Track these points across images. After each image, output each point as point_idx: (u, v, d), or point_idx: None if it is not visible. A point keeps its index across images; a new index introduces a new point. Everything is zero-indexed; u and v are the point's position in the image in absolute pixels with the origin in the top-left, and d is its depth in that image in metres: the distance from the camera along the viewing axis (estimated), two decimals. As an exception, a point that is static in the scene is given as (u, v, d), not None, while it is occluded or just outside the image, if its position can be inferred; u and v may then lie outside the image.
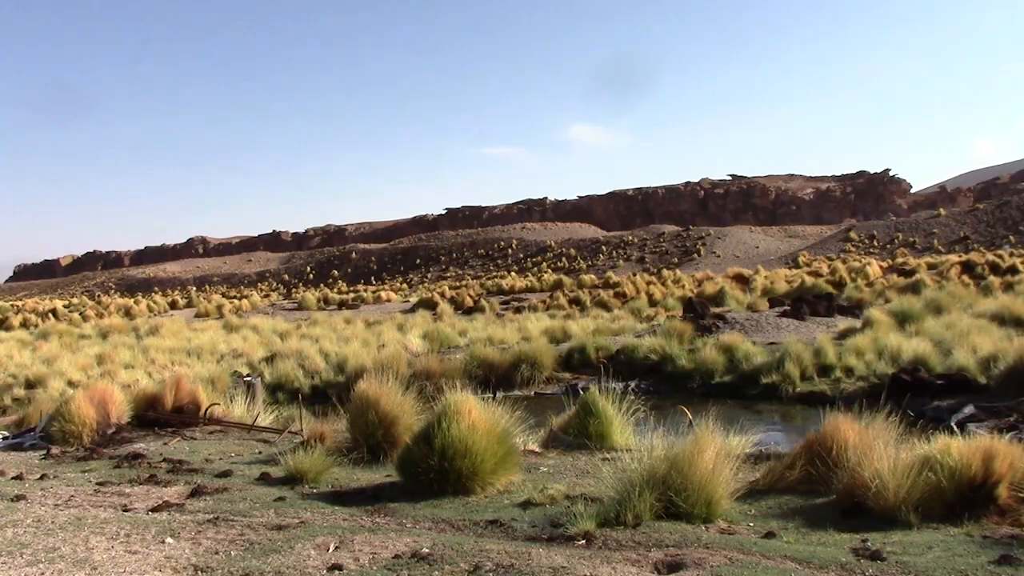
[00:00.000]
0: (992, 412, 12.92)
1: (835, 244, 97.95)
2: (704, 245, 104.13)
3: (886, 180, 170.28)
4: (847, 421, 7.62)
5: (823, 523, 6.68)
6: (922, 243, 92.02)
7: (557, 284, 60.17)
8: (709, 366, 18.49)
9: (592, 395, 10.46)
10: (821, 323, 24.10)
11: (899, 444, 7.30)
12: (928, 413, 13.73)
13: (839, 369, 17.25)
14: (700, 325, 22.55)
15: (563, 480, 8.24)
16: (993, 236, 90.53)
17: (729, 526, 6.62)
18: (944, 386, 14.69)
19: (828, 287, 37.71)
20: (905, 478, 6.61)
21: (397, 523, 6.87)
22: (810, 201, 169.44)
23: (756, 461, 8.60)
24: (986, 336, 17.27)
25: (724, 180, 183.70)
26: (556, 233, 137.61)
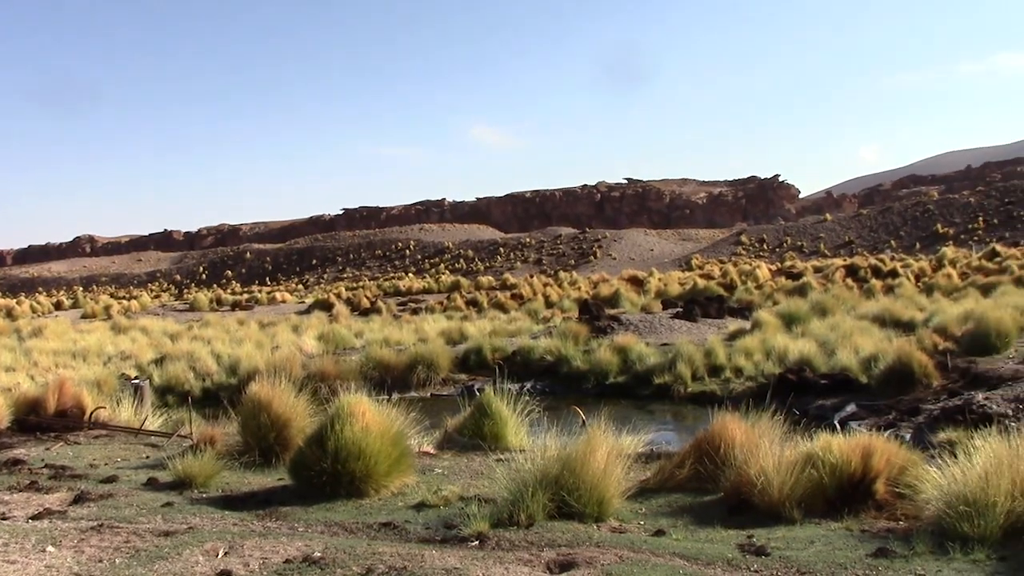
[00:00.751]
0: (872, 410, 13.40)
1: (727, 247, 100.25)
2: (600, 247, 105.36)
3: (776, 185, 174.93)
4: (734, 420, 7.82)
5: (711, 520, 6.83)
6: (809, 247, 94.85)
7: (454, 285, 60.17)
8: (604, 367, 18.72)
9: (487, 396, 10.49)
10: (712, 324, 24.62)
11: (784, 442, 7.51)
12: (813, 412, 14.16)
13: (729, 369, 17.65)
14: (595, 327, 22.82)
15: (457, 481, 8.24)
16: (876, 241, 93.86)
17: (620, 525, 6.72)
18: (828, 385, 15.17)
19: (719, 289, 38.58)
20: (789, 475, 6.81)
21: (289, 527, 6.78)
22: (703, 205, 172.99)
23: (647, 460, 8.75)
24: (868, 337, 17.88)
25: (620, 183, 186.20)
26: (454, 234, 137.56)
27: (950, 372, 14.65)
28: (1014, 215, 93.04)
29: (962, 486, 6.08)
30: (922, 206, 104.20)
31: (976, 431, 7.50)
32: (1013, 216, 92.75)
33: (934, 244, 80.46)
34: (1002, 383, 13.06)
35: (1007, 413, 11.32)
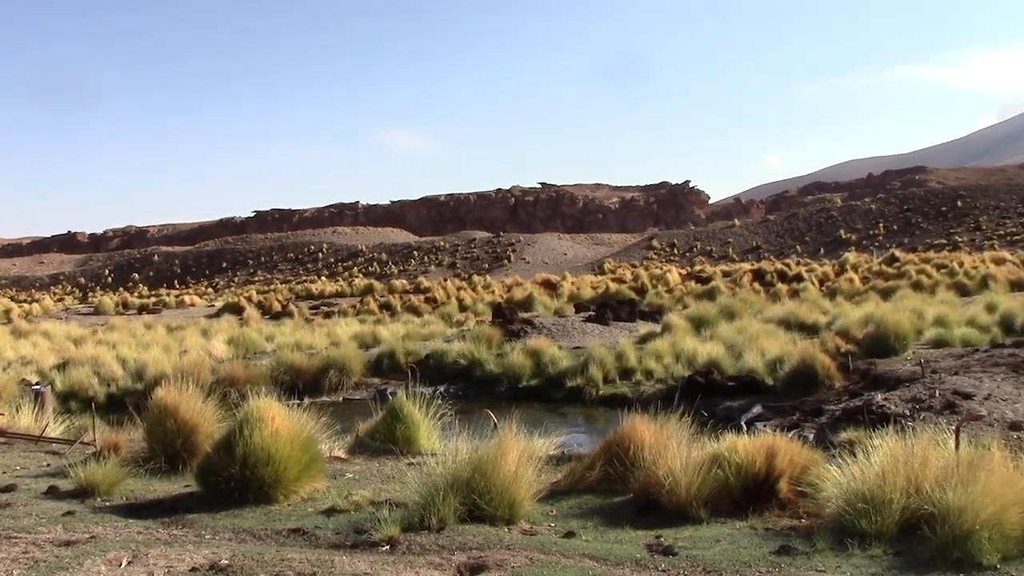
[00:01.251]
0: (778, 411, 13.72)
1: (638, 252, 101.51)
2: (514, 251, 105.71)
3: (686, 191, 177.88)
4: (644, 422, 7.94)
5: (620, 521, 6.92)
6: (718, 251, 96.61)
7: (368, 289, 59.73)
8: (517, 370, 18.81)
9: (399, 400, 10.45)
10: (624, 328, 24.91)
11: (691, 443, 7.66)
12: (720, 413, 14.44)
13: (640, 372, 17.89)
14: (509, 330, 22.91)
15: (369, 486, 8.20)
16: (782, 246, 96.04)
17: (531, 527, 6.77)
18: (735, 387, 15.49)
19: (631, 293, 39.08)
20: (696, 475, 6.94)
21: (195, 535, 6.66)
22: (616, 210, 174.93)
23: (559, 463, 8.82)
24: (774, 340, 18.29)
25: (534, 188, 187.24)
26: (368, 237, 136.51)
27: (852, 374, 15.08)
28: (912, 222, 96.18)
29: (861, 484, 6.28)
30: (826, 212, 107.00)
31: (875, 431, 7.73)
32: (911, 223, 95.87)
33: (837, 249, 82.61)
34: (900, 384, 13.48)
35: (904, 413, 11.70)
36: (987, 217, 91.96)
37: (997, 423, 11.14)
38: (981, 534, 5.56)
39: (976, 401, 12.03)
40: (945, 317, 20.37)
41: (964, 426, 9.80)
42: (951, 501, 5.77)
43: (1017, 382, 12.89)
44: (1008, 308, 21.20)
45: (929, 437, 6.82)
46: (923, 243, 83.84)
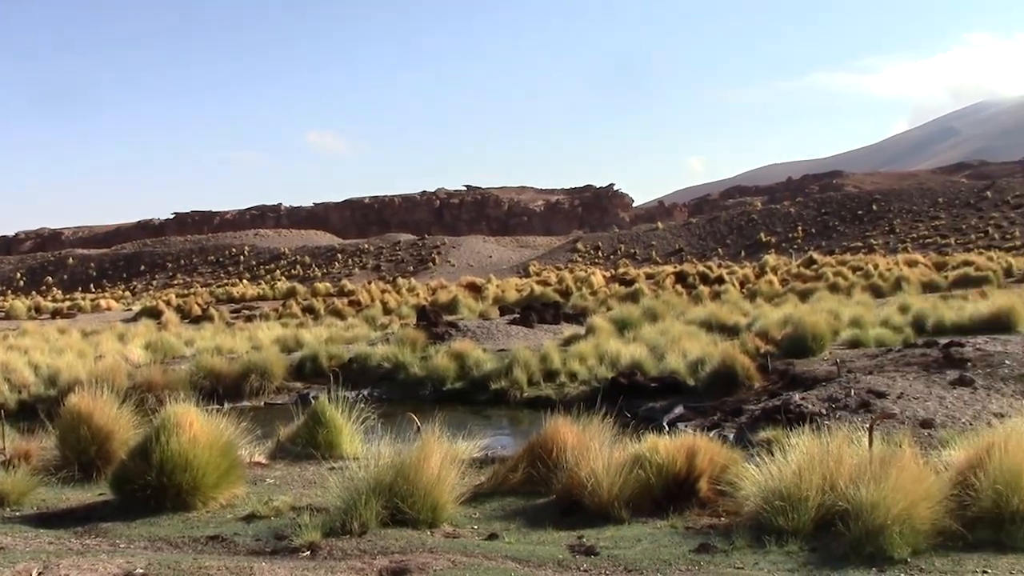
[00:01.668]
0: (699, 411, 13.90)
1: (563, 254, 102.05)
2: (439, 254, 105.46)
3: (611, 194, 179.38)
4: (566, 424, 7.98)
5: (543, 522, 6.95)
6: (642, 254, 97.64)
7: (290, 292, 59.05)
8: (441, 373, 18.74)
9: (321, 404, 10.35)
10: (549, 330, 25.01)
11: (614, 444, 7.72)
12: (643, 414, 14.57)
13: (564, 374, 17.95)
14: (433, 333, 22.83)
15: (290, 491, 8.10)
16: (704, 248, 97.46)
17: (454, 530, 6.76)
18: (657, 388, 15.65)
19: (556, 295, 39.27)
20: (618, 476, 7.00)
21: (110, 544, 6.50)
22: (541, 213, 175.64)
23: (482, 465, 8.82)
24: (695, 341, 18.51)
25: (459, 190, 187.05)
26: (290, 240, 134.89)
27: (771, 374, 15.34)
28: (829, 225, 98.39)
29: (778, 482, 6.40)
30: (747, 216, 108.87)
31: (793, 430, 7.88)
32: (829, 226, 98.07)
33: (757, 252, 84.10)
34: (817, 384, 13.76)
35: (821, 412, 11.95)
36: (901, 220, 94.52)
37: (909, 421, 11.45)
38: (892, 529, 5.71)
39: (889, 400, 12.34)
40: (860, 318, 20.85)
41: (877, 424, 10.05)
42: (864, 497, 5.91)
43: (928, 381, 13.25)
44: (920, 309, 21.80)
45: (844, 435, 6.99)
46: (840, 246, 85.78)
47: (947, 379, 13.31)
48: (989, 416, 11.41)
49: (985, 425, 9.95)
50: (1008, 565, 5.55)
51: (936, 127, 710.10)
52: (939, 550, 5.82)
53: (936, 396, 12.53)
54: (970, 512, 6.14)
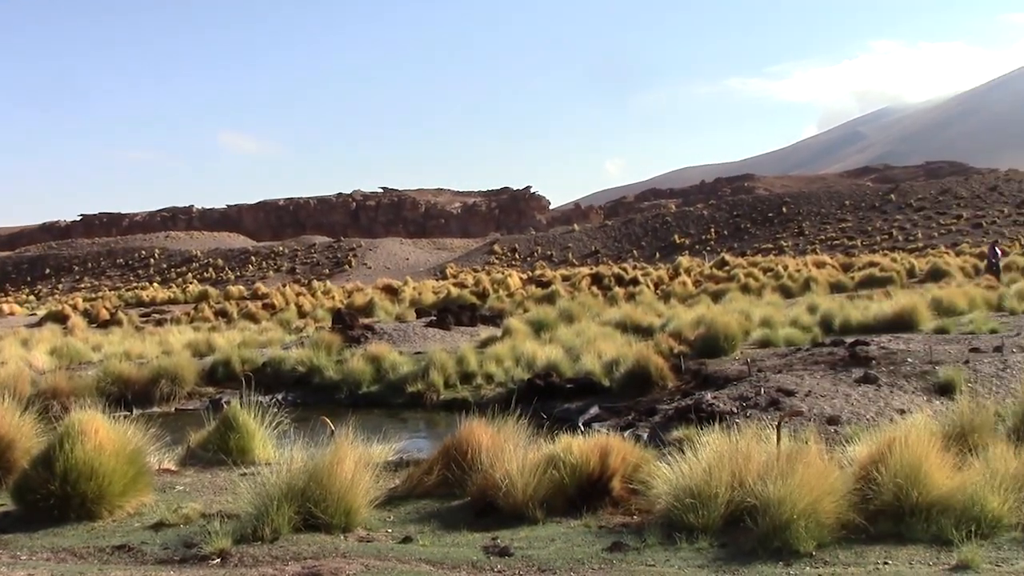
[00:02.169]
0: (614, 412, 14.03)
1: (480, 256, 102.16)
2: (355, 256, 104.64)
3: (528, 197, 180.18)
4: (481, 426, 7.99)
5: (458, 524, 6.95)
6: (559, 256, 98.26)
7: (202, 296, 57.97)
8: (357, 376, 18.58)
9: (233, 409, 10.19)
10: (465, 332, 25.00)
11: (529, 445, 7.75)
12: (559, 415, 14.65)
13: (480, 376, 17.96)
14: (349, 336, 22.64)
15: (200, 498, 7.96)
16: (620, 250, 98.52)
17: (368, 534, 6.72)
18: (573, 389, 15.75)
19: (472, 298, 39.26)
20: (532, 477, 7.04)
21: (11, 556, 6.31)
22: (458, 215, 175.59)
23: (397, 468, 8.78)
24: (611, 342, 18.67)
25: (376, 192, 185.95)
26: (203, 242, 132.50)
27: (684, 374, 15.56)
28: (741, 227, 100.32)
29: (688, 480, 6.51)
30: (661, 218, 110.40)
31: (705, 429, 8.01)
32: (741, 228, 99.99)
33: (672, 254, 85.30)
34: (728, 383, 14.01)
35: (732, 411, 12.18)
36: (810, 223, 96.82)
37: (816, 418, 11.74)
38: (798, 523, 5.85)
39: (798, 398, 12.64)
40: (771, 318, 21.29)
41: (785, 422, 10.28)
42: (772, 493, 6.05)
43: (835, 379, 13.59)
44: (827, 309, 22.35)
45: (753, 433, 7.14)
46: (751, 247, 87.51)
47: (853, 377, 13.68)
48: (892, 412, 11.76)
49: (888, 421, 10.25)
50: (907, 556, 5.74)
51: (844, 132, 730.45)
52: (843, 543, 5.98)
53: (842, 394, 12.86)
54: (872, 505, 6.34)
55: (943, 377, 13.15)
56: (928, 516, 6.11)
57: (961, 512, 6.10)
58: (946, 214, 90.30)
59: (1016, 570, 5.37)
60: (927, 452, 6.45)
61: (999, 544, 5.88)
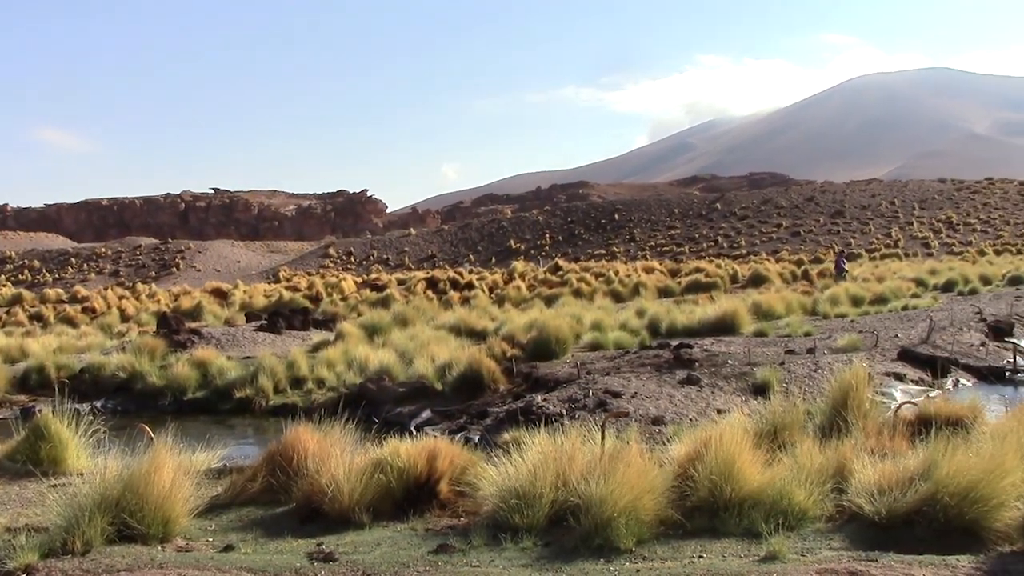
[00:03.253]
0: (446, 415, 14.07)
1: (315, 260, 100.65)
2: (184, 259, 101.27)
3: (364, 200, 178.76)
4: (308, 431, 7.86)
5: (282, 531, 6.82)
6: (395, 260, 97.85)
7: (16, 299, 54.84)
8: (182, 382, 17.97)
9: (45, 418, 9.68)
10: (297, 336, 24.56)
11: (357, 450, 7.68)
12: (391, 419, 14.57)
13: (312, 381, 17.66)
14: (174, 340, 21.87)
15: (6, 512, 7.52)
16: (456, 255, 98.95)
17: (187, 543, 6.51)
18: (406, 393, 15.69)
19: (305, 302, 38.56)
20: (359, 481, 6.98)
21: None
22: (293, 217, 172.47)
23: (220, 475, 8.54)
24: (444, 346, 18.70)
25: (207, 193, 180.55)
26: (17, 243, 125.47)
27: (516, 377, 15.74)
28: (575, 233, 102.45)
29: (514, 481, 6.60)
30: (497, 223, 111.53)
31: (535, 430, 8.12)
32: (574, 234, 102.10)
33: (507, 258, 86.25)
34: (559, 385, 14.26)
35: (562, 413, 12.41)
36: (641, 229, 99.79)
37: (642, 419, 12.10)
38: (619, 521, 6.01)
39: (624, 399, 12.99)
40: (601, 322, 21.79)
41: (611, 423, 10.56)
42: (594, 492, 6.19)
43: (660, 380, 14.04)
44: (655, 313, 23.07)
45: (578, 434, 7.29)
46: (585, 253, 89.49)
47: (677, 378, 14.17)
48: (713, 412, 12.25)
49: (709, 420, 10.62)
50: (720, 549, 5.98)
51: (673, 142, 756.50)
52: (661, 538, 6.19)
53: (667, 395, 13.31)
54: (689, 502, 6.58)
55: (760, 378, 13.80)
56: (740, 511, 6.39)
57: (771, 506, 6.41)
58: (767, 223, 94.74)
59: (819, 559, 5.67)
60: (740, 450, 6.74)
61: (805, 535, 6.20)
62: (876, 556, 5.65)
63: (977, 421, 8.62)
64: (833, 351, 16.51)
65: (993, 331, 19.64)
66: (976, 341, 18.70)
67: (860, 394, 9.19)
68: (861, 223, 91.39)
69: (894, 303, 26.79)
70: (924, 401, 10.89)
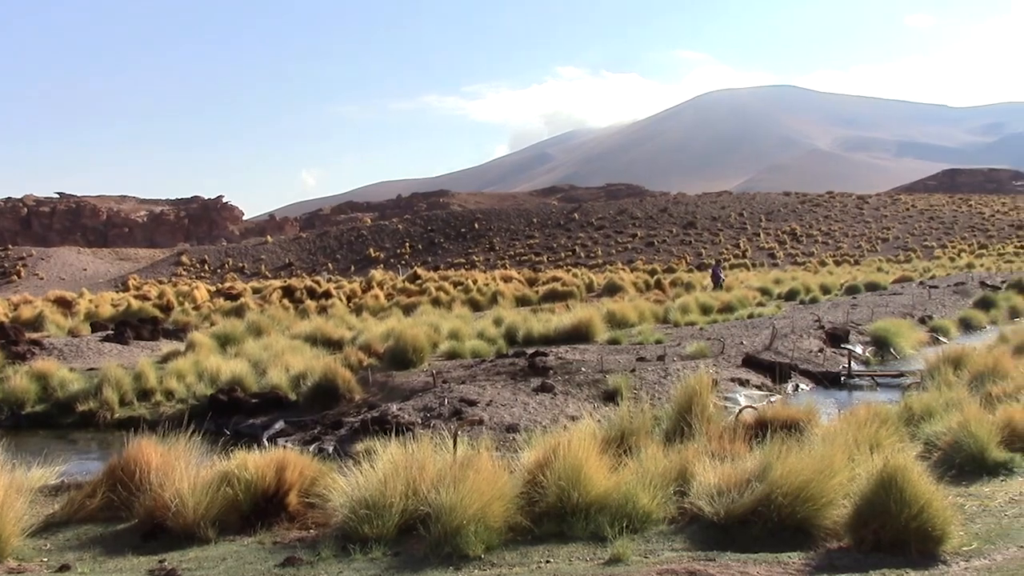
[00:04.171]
0: (300, 426, 13.87)
1: (167, 268, 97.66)
2: (25, 266, 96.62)
3: (220, 206, 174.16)
4: (151, 444, 7.64)
5: (123, 548, 6.61)
6: (251, 268, 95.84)
7: None
8: (19, 395, 17.13)
9: None
10: (146, 347, 23.78)
11: (204, 463, 7.51)
12: (244, 431, 14.28)
13: (160, 392, 17.12)
14: (13, 352, 20.87)
15: None
16: (315, 263, 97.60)
17: (20, 564, 6.24)
18: (259, 404, 15.39)
19: (155, 311, 37.32)
20: (204, 495, 6.82)
21: None
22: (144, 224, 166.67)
23: (58, 492, 8.20)
24: (299, 356, 18.42)
25: (51, 198, 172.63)
26: None
27: (371, 386, 15.65)
28: (435, 241, 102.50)
29: (364, 491, 6.57)
30: (357, 231, 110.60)
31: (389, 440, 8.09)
32: (434, 243, 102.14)
33: (367, 267, 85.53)
34: (415, 394, 14.26)
35: (417, 421, 12.41)
36: (500, 238, 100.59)
37: (497, 426, 12.22)
38: (468, 528, 6.06)
39: (480, 407, 13.09)
40: (459, 331, 21.85)
41: (466, 431, 10.62)
42: (444, 500, 6.23)
43: (515, 388, 14.20)
44: (512, 322, 23.30)
45: (431, 443, 7.31)
46: (445, 262, 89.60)
47: (531, 386, 14.36)
48: (565, 419, 12.45)
49: (561, 427, 10.80)
50: (567, 553, 6.10)
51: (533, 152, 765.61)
52: (510, 545, 6.27)
53: (521, 402, 13.47)
54: (538, 507, 6.68)
55: (612, 385, 14.11)
56: (587, 515, 6.53)
57: (616, 510, 6.57)
58: (623, 233, 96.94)
59: (661, 560, 5.85)
60: (588, 456, 6.89)
61: (648, 537, 6.39)
62: (714, 555, 5.87)
63: (812, 424, 9.02)
64: (682, 358, 17.01)
65: (830, 338, 20.59)
66: (815, 347, 19.58)
67: (704, 399, 9.51)
68: (712, 234, 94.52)
69: (741, 311, 27.85)
70: (764, 405, 11.33)
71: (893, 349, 20.46)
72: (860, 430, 8.04)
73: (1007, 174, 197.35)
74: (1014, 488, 7.51)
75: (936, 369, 13.27)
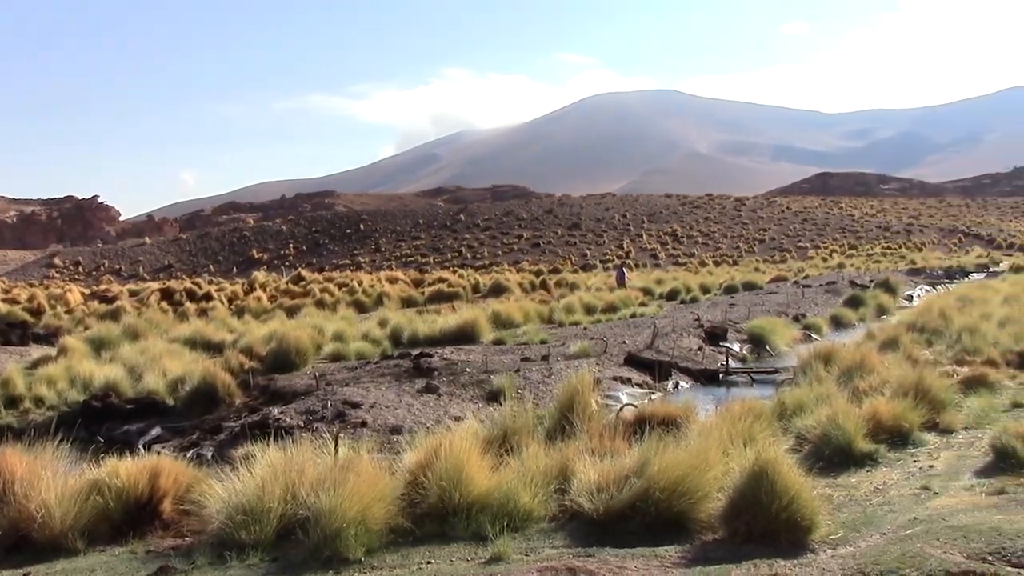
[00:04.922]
0: (177, 431, 13.51)
1: (38, 270, 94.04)
2: None
3: (95, 207, 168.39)
4: (15, 453, 7.33)
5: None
6: (128, 270, 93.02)
7: None
8: None
9: None
10: (15, 352, 22.83)
11: (73, 471, 7.25)
12: (119, 437, 13.81)
13: (29, 399, 16.46)
14: None
15: None
16: (195, 264, 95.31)
17: None
18: (134, 410, 14.93)
19: (25, 315, 35.89)
20: (73, 505, 6.59)
21: None
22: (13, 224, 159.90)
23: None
24: (178, 359, 17.97)
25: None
26: None
27: (253, 390, 15.36)
28: (320, 243, 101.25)
29: (241, 497, 6.44)
30: (239, 232, 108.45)
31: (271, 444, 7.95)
32: (319, 244, 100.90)
33: (250, 268, 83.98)
34: (297, 397, 14.05)
35: (299, 425, 12.23)
36: (386, 240, 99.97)
37: (381, 428, 12.13)
38: (348, 531, 6.01)
39: (363, 409, 12.97)
40: (343, 332, 21.64)
41: (348, 433, 10.55)
42: (324, 504, 6.15)
43: (400, 390, 14.13)
44: (397, 323, 23.18)
45: (311, 446, 7.22)
46: (330, 263, 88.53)
47: (416, 387, 14.32)
48: (449, 420, 12.45)
49: (445, 428, 10.80)
50: (449, 554, 6.10)
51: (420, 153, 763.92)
52: (391, 547, 6.23)
53: (405, 404, 13.41)
54: (420, 509, 6.67)
55: (496, 385, 14.16)
56: (469, 515, 6.55)
57: (498, 509, 6.61)
58: (509, 234, 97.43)
59: (541, 557, 5.90)
60: (469, 456, 6.90)
61: (529, 536, 6.44)
62: (593, 551, 5.95)
63: (689, 420, 9.23)
64: (566, 357, 17.20)
65: (709, 336, 21.12)
66: (695, 346, 20.05)
67: (585, 398, 9.64)
68: (596, 235, 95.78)
69: (624, 311, 28.31)
70: (645, 403, 11.56)
71: (769, 346, 21.11)
72: (735, 425, 8.26)
73: (874, 177, 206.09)
74: (879, 478, 7.84)
75: (808, 365, 13.75)
